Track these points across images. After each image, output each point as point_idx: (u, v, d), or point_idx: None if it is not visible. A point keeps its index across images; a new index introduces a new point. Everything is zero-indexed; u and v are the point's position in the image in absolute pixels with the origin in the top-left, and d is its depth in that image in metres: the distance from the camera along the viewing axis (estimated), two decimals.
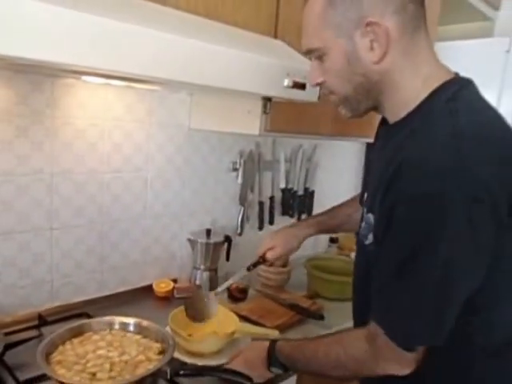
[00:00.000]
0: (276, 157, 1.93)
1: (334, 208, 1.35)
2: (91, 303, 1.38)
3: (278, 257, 1.25)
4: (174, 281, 1.57)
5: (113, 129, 1.37)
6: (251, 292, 1.61)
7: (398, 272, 0.74)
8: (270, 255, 1.24)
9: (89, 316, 1.28)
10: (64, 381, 0.91)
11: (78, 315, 1.29)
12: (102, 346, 1.05)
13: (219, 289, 1.23)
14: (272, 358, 0.99)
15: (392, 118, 0.86)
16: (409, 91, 0.80)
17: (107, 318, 1.13)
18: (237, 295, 1.57)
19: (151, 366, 0.97)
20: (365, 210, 0.89)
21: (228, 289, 1.56)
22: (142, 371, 0.96)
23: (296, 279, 1.78)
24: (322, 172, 2.18)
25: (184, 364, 1.08)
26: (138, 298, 1.47)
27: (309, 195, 2.10)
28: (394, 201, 0.73)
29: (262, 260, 1.25)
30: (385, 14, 0.75)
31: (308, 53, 0.85)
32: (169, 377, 1.00)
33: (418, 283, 0.72)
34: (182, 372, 1.02)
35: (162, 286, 1.51)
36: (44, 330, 1.20)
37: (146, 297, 1.49)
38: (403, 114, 0.81)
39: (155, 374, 0.96)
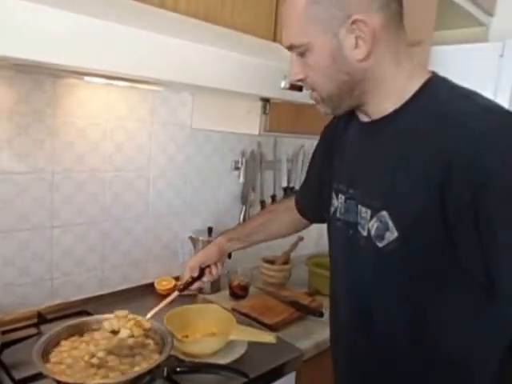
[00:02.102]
0: (277, 156, 1.85)
1: (249, 219, 1.30)
2: (91, 301, 1.31)
3: (197, 263, 1.12)
4: (176, 278, 1.50)
5: (115, 128, 1.31)
6: (252, 289, 1.54)
7: None
8: (190, 263, 1.12)
9: (88, 314, 1.21)
10: (60, 379, 0.85)
11: (77, 313, 1.22)
12: (100, 343, 0.99)
13: (149, 315, 1.06)
14: None
15: (376, 114, 0.79)
16: (394, 87, 0.76)
17: (105, 316, 1.07)
18: (238, 292, 1.50)
19: (148, 364, 0.91)
20: (367, 210, 0.79)
21: (230, 286, 1.50)
22: (139, 369, 0.90)
23: (297, 277, 1.71)
24: None
25: (181, 361, 1.01)
26: (139, 295, 1.40)
27: None
28: (479, 185, 0.64)
29: (193, 279, 1.12)
30: (370, 11, 0.70)
31: (290, 48, 0.78)
32: (165, 374, 0.93)
33: None
34: (178, 369, 0.95)
35: (164, 284, 1.44)
36: (43, 328, 1.13)
37: (147, 294, 1.42)
38: (390, 108, 0.76)
39: (152, 372, 0.90)
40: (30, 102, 1.14)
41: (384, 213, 0.75)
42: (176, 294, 1.08)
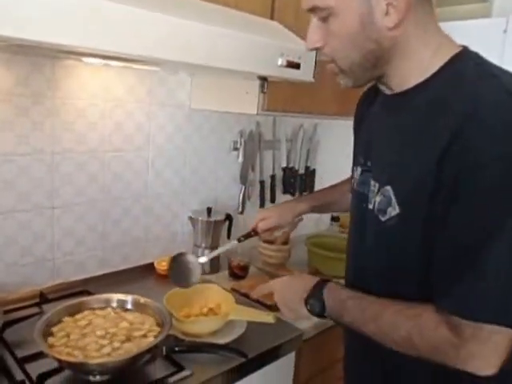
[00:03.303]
0: (277, 136, 1.84)
1: (331, 186, 1.27)
2: (92, 281, 1.32)
3: (269, 227, 1.17)
4: None
5: (114, 109, 1.29)
6: (252, 269, 1.54)
7: (484, 246, 0.62)
8: (261, 225, 1.16)
9: (89, 293, 1.22)
10: (61, 358, 0.86)
11: (78, 293, 1.23)
12: (100, 323, 1.00)
13: (205, 258, 1.13)
14: (316, 291, 0.82)
15: (398, 87, 0.77)
16: (419, 60, 0.72)
17: (105, 296, 1.08)
18: (238, 272, 1.50)
19: (147, 343, 0.92)
20: (376, 183, 0.79)
21: (229, 266, 1.50)
22: (137, 348, 0.91)
23: (297, 257, 1.71)
24: (323, 151, 2.08)
25: (181, 341, 1.02)
26: (139, 275, 1.41)
27: (310, 174, 2.02)
28: (461, 167, 0.63)
29: (254, 232, 1.17)
30: None
31: (312, 10, 0.72)
32: (164, 353, 0.94)
33: None
34: (177, 349, 0.96)
35: (164, 264, 1.45)
36: (45, 307, 1.15)
37: (147, 275, 1.43)
38: (413, 82, 0.74)
39: (151, 351, 0.91)
40: (30, 84, 1.12)
41: (388, 187, 0.74)
42: (236, 243, 1.13)
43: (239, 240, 1.14)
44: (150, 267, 1.45)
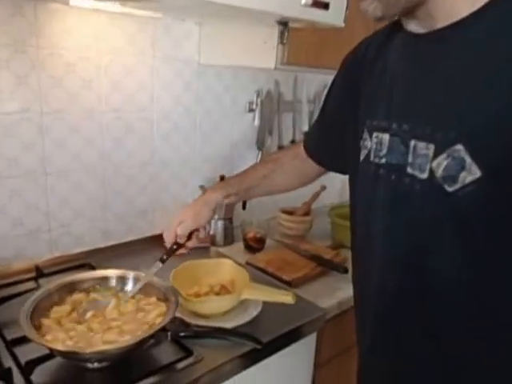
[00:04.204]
0: (297, 97, 1.65)
1: (248, 169, 1.06)
2: (94, 254, 1.21)
3: (188, 230, 0.95)
4: None
5: (110, 63, 1.14)
6: (269, 242, 1.40)
7: None
8: (179, 231, 0.94)
9: (91, 267, 1.12)
10: (50, 346, 0.75)
11: (79, 266, 1.13)
12: (99, 303, 0.89)
13: (130, 293, 0.92)
14: None
15: (444, 18, 0.60)
16: None
17: (104, 272, 0.96)
18: (253, 245, 1.37)
19: (149, 327, 0.80)
20: (431, 145, 0.61)
21: (244, 238, 1.37)
22: (140, 333, 0.79)
23: (318, 229, 1.56)
24: None
25: (187, 325, 0.89)
26: (146, 247, 1.29)
27: None
28: None
29: (177, 245, 0.96)
30: None
31: None
32: (169, 338, 0.82)
33: None
34: (182, 334, 0.84)
35: None
36: (42, 281, 1.05)
37: (155, 247, 1.30)
38: (464, 11, 0.58)
39: (153, 336, 0.79)
40: (10, 30, 0.97)
41: (459, 147, 0.57)
42: (159, 265, 0.92)
43: (162, 260, 0.93)
44: (158, 239, 1.32)
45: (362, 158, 0.74)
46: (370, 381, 0.81)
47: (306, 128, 1.71)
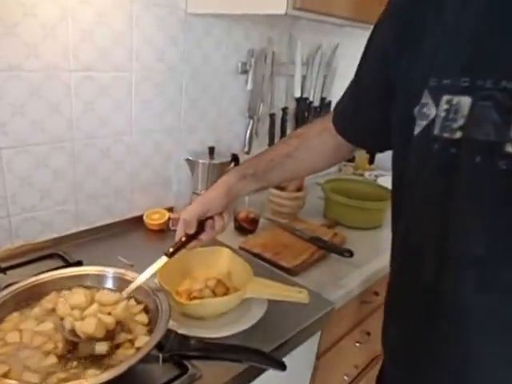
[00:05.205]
0: (292, 58, 1.46)
1: (266, 149, 0.88)
2: (64, 241, 1.01)
3: (195, 216, 0.74)
4: (170, 210, 1.20)
5: (77, 7, 0.90)
6: (261, 221, 1.24)
7: None
8: (184, 215, 0.74)
9: (60, 257, 0.93)
10: None
11: (47, 256, 0.93)
12: (66, 317, 0.66)
13: (124, 293, 0.72)
14: None
15: None
16: None
17: (72, 271, 0.76)
18: (246, 226, 1.21)
19: (132, 351, 0.62)
20: None
21: (235, 219, 1.21)
22: (118, 361, 0.60)
23: (310, 205, 1.41)
24: (341, 80, 1.71)
25: (185, 340, 0.69)
26: (125, 232, 1.11)
27: (325, 106, 1.67)
28: None
29: (187, 237, 0.75)
30: None
31: None
32: (160, 363, 0.64)
33: None
34: (176, 357, 0.66)
35: (155, 218, 1.14)
36: (2, 277, 0.85)
37: (135, 230, 1.12)
38: None
39: (143, 360, 0.59)
40: None
41: None
42: (164, 259, 0.73)
43: (168, 254, 0.74)
44: (138, 221, 1.14)
45: (417, 131, 0.56)
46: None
47: (298, 94, 1.53)
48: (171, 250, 0.74)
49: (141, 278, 0.72)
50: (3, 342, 0.62)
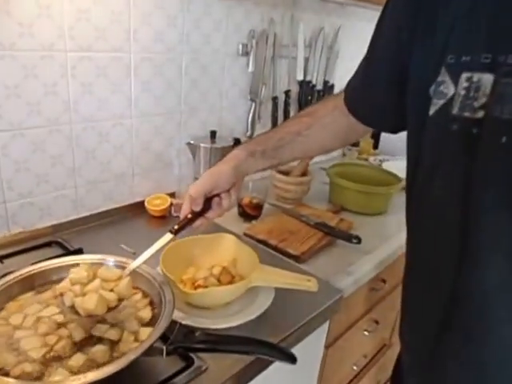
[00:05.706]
0: (294, 40, 1.41)
1: (277, 126, 0.85)
2: (63, 228, 0.98)
3: (201, 192, 0.70)
4: (171, 195, 1.16)
5: None
6: (266, 207, 1.21)
7: None
8: (191, 191, 0.70)
9: (59, 244, 0.89)
10: None
11: (45, 245, 0.90)
12: (66, 292, 0.63)
13: (127, 270, 0.69)
14: None
15: None
16: None
17: (70, 259, 0.73)
18: (249, 212, 1.17)
19: (136, 344, 0.59)
20: None
21: (239, 204, 1.17)
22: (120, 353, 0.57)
23: (314, 190, 1.37)
24: (344, 62, 1.66)
25: (190, 332, 0.65)
26: (126, 218, 1.07)
27: (328, 89, 1.62)
28: None
29: (193, 214, 0.72)
30: None
31: None
32: (164, 355, 0.61)
33: None
34: (181, 349, 0.62)
35: (157, 203, 1.11)
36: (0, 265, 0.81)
37: (136, 217, 1.09)
38: None
39: (145, 353, 0.56)
40: None
41: None
42: (169, 237, 0.70)
43: (173, 231, 0.70)
44: (139, 207, 1.11)
45: (432, 111, 0.52)
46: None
47: (301, 77, 1.49)
48: (176, 227, 0.70)
49: (145, 255, 0.68)
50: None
